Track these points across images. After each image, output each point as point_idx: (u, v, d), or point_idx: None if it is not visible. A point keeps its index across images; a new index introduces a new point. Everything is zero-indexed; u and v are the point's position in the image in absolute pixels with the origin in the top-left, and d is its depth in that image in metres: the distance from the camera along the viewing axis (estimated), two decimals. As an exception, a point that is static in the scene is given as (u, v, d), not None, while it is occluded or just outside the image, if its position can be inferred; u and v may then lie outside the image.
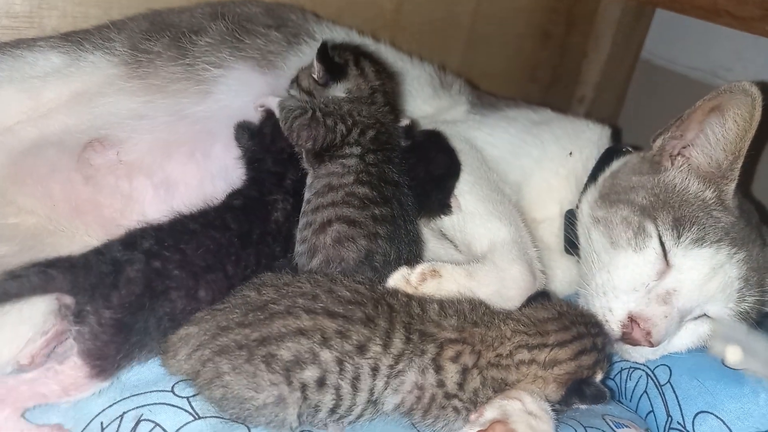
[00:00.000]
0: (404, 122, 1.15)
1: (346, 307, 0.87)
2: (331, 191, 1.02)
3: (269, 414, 0.82)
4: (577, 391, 0.88)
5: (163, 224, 0.96)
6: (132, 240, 0.91)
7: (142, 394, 0.87)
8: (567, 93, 2.17)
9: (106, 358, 0.85)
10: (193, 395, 0.87)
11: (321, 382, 0.82)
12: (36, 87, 1.15)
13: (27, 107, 1.14)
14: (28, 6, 1.35)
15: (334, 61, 1.14)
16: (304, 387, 0.82)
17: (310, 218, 1.01)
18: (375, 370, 0.85)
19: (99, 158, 1.10)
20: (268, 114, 1.14)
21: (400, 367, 0.85)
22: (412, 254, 1.03)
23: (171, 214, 0.99)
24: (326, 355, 0.83)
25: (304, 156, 1.08)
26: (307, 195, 1.06)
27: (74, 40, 1.24)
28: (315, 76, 1.13)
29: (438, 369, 0.86)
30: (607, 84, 2.14)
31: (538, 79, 2.12)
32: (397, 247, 1.00)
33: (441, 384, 0.86)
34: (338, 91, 1.14)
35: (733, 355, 1.02)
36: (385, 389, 0.86)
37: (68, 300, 0.86)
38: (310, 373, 0.82)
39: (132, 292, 0.86)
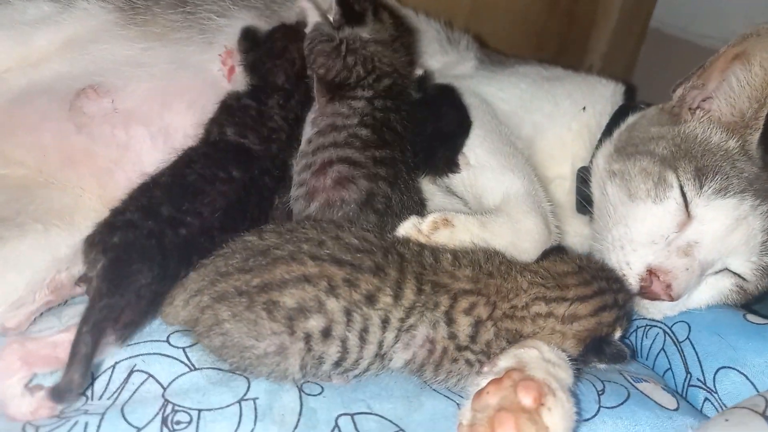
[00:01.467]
0: (418, 72, 1.11)
1: (354, 255, 0.82)
2: (333, 131, 0.99)
3: (270, 363, 0.78)
4: (596, 349, 0.84)
5: (171, 183, 0.90)
6: (153, 209, 0.85)
7: (135, 344, 0.83)
8: (575, 62, 2.12)
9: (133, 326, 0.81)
10: (189, 345, 0.83)
11: (326, 333, 0.78)
12: (26, 33, 1.11)
13: (17, 54, 1.10)
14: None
15: (354, 7, 1.10)
16: (308, 337, 0.77)
17: (309, 160, 0.98)
18: (385, 322, 0.80)
19: (93, 106, 1.06)
20: (282, 25, 1.13)
21: (411, 321, 0.81)
22: (413, 202, 0.99)
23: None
24: (333, 304, 0.78)
25: (315, 84, 1.05)
26: (308, 133, 1.02)
27: None
28: (330, 17, 1.10)
29: (450, 321, 0.82)
30: (616, 53, 2.10)
31: (545, 48, 2.07)
32: (399, 193, 0.96)
33: (452, 336, 0.82)
34: (364, 32, 1.10)
35: None
36: (396, 343, 0.81)
37: None
38: (314, 323, 0.77)
39: (172, 265, 0.82)
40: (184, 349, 0.83)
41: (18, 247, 0.89)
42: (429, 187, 1.09)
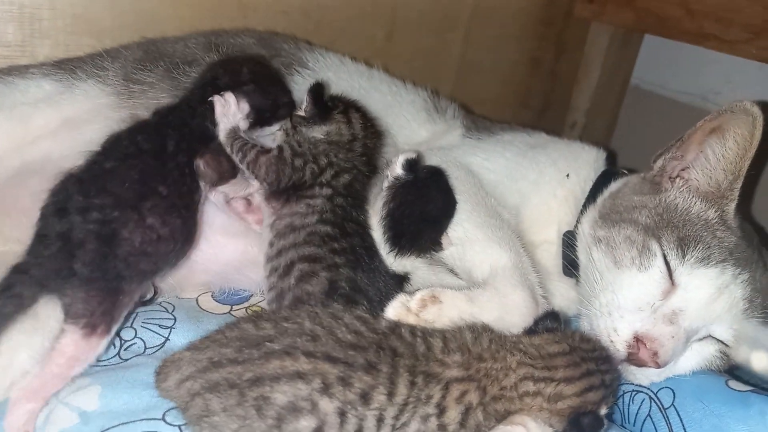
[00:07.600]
0: (411, 155, 1.12)
1: (347, 352, 0.81)
2: (293, 232, 1.01)
3: None
4: (574, 421, 0.85)
5: (81, 175, 0.96)
6: (62, 206, 0.91)
7: (130, 422, 0.84)
8: (559, 119, 2.19)
9: (91, 315, 0.87)
10: (185, 423, 0.83)
11: None
12: (26, 114, 1.14)
13: (16, 134, 1.12)
14: (20, 35, 1.35)
15: (326, 103, 1.13)
16: None
17: (274, 263, 1.01)
18: (380, 421, 0.79)
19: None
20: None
21: (404, 419, 0.79)
22: (382, 278, 1.01)
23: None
24: (326, 405, 0.76)
25: (264, 192, 1.08)
26: (268, 236, 1.04)
27: (67, 68, 1.23)
28: (301, 112, 1.12)
29: (441, 413, 0.81)
30: (598, 110, 2.16)
31: (529, 106, 2.13)
32: (363, 272, 0.99)
33: (442, 427, 0.81)
34: (317, 132, 1.12)
35: (759, 361, 1.01)
36: None
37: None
38: (305, 423, 0.75)
39: (89, 250, 0.87)
40: (180, 426, 0.83)
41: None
42: (413, 262, 1.10)
